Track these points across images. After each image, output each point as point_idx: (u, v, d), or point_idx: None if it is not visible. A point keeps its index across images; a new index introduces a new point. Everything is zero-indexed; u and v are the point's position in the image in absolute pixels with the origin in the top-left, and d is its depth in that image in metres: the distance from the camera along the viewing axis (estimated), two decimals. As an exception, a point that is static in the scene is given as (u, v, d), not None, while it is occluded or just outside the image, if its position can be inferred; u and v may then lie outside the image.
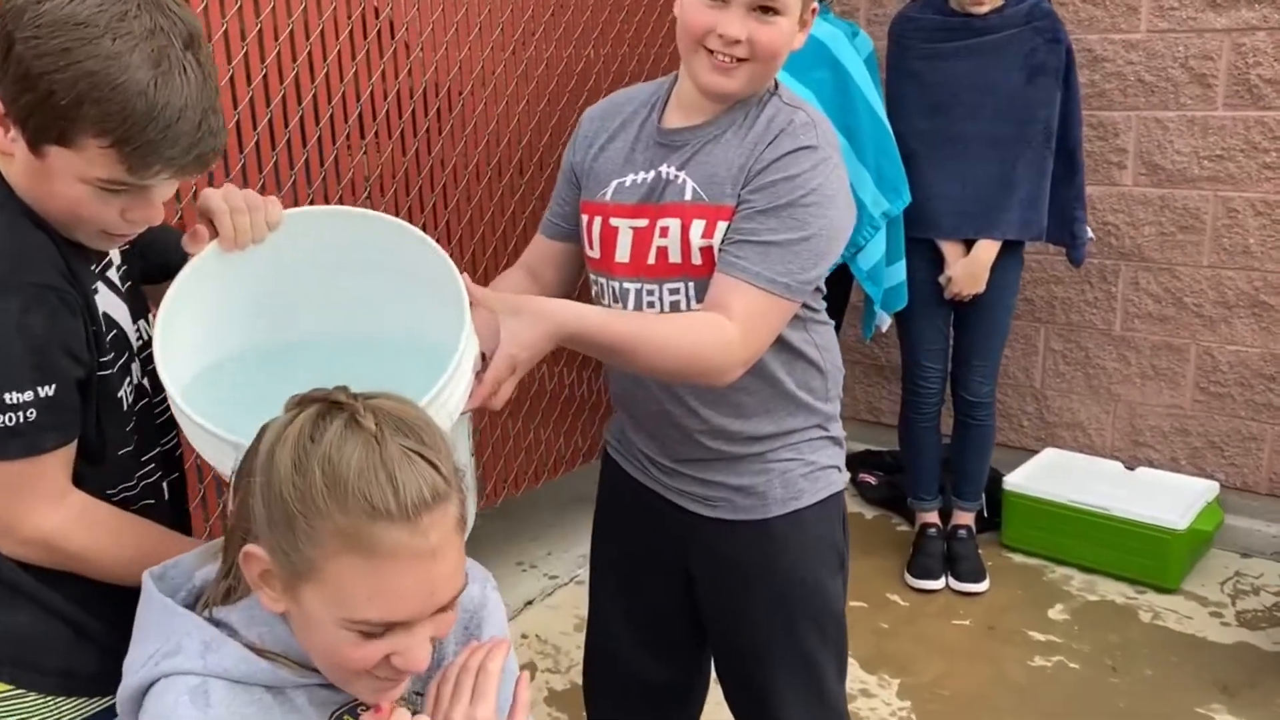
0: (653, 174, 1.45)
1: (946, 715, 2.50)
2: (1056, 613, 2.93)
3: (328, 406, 0.94)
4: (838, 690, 1.66)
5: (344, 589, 0.90)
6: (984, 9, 2.76)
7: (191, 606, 1.01)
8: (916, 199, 2.82)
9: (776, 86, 1.47)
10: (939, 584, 3.04)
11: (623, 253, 1.46)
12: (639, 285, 1.45)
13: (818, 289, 1.53)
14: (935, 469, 3.16)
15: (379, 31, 2.62)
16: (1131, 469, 3.33)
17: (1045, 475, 3.27)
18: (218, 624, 0.98)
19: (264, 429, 0.96)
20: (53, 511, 1.08)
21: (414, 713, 0.98)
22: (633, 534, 1.66)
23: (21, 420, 1.04)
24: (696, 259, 1.41)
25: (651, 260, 1.44)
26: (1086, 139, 3.24)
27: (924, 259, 2.90)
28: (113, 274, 1.18)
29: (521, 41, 2.94)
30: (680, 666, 1.73)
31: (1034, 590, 3.04)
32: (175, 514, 1.28)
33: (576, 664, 2.53)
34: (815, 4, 1.44)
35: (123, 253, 1.22)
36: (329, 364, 1.16)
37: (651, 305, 1.45)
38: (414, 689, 1.06)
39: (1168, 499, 3.07)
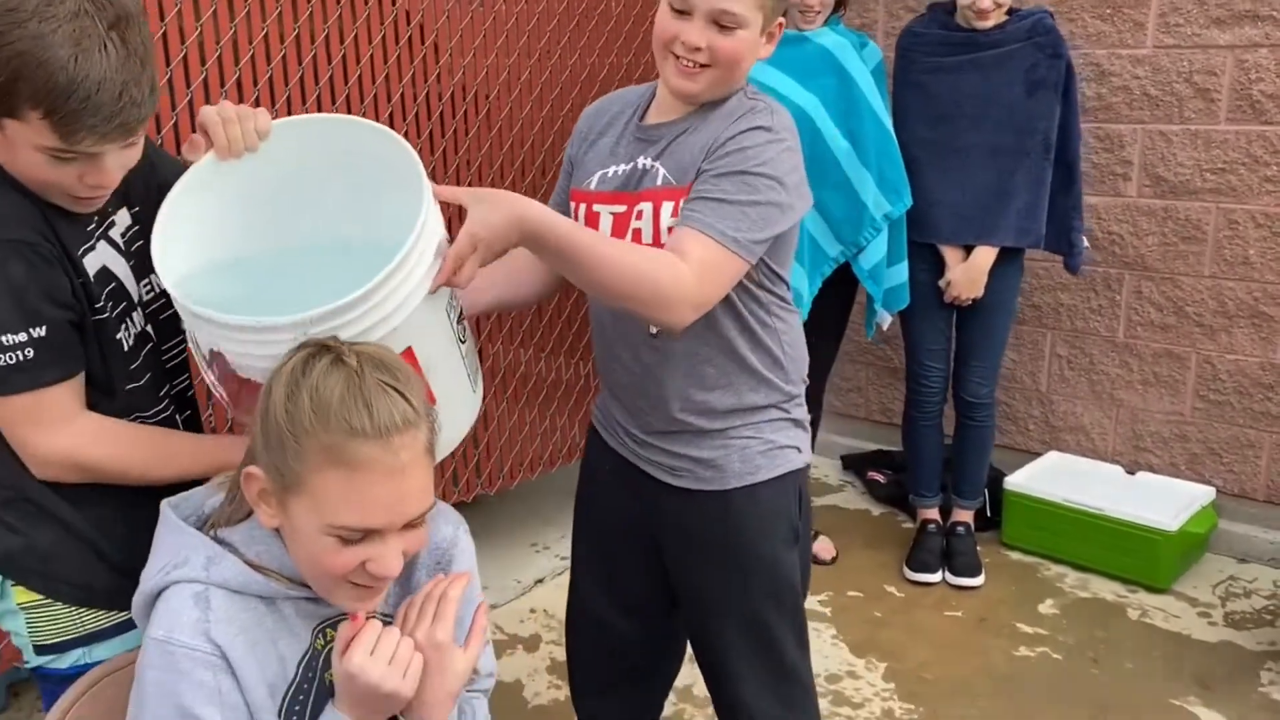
0: (631, 165, 1.60)
1: (927, 698, 2.61)
2: (1047, 607, 3.02)
3: (318, 349, 1.10)
4: (798, 659, 1.78)
5: (326, 498, 1.06)
6: (988, 24, 2.88)
7: (200, 529, 1.18)
8: (919, 204, 2.94)
9: (744, 88, 1.60)
10: (935, 577, 3.15)
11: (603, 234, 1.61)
12: None
13: (785, 281, 1.66)
14: (936, 467, 3.26)
15: (410, 37, 2.80)
16: (1132, 473, 3.41)
17: (1046, 477, 3.36)
18: (221, 542, 1.15)
19: (271, 374, 1.11)
20: (65, 433, 1.24)
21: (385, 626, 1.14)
22: (609, 501, 1.81)
23: (21, 358, 1.21)
24: (665, 238, 1.54)
25: (629, 239, 1.58)
26: (1093, 151, 3.34)
27: (926, 263, 3.02)
28: (115, 233, 1.35)
29: (545, 49, 3.10)
30: (653, 627, 1.87)
31: (1028, 586, 3.14)
32: None
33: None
34: (782, 20, 1.57)
35: (134, 213, 1.38)
36: (315, 260, 1.29)
37: None
38: (385, 612, 1.22)
39: (1163, 502, 3.15)
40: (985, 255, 2.93)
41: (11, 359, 1.20)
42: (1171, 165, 3.23)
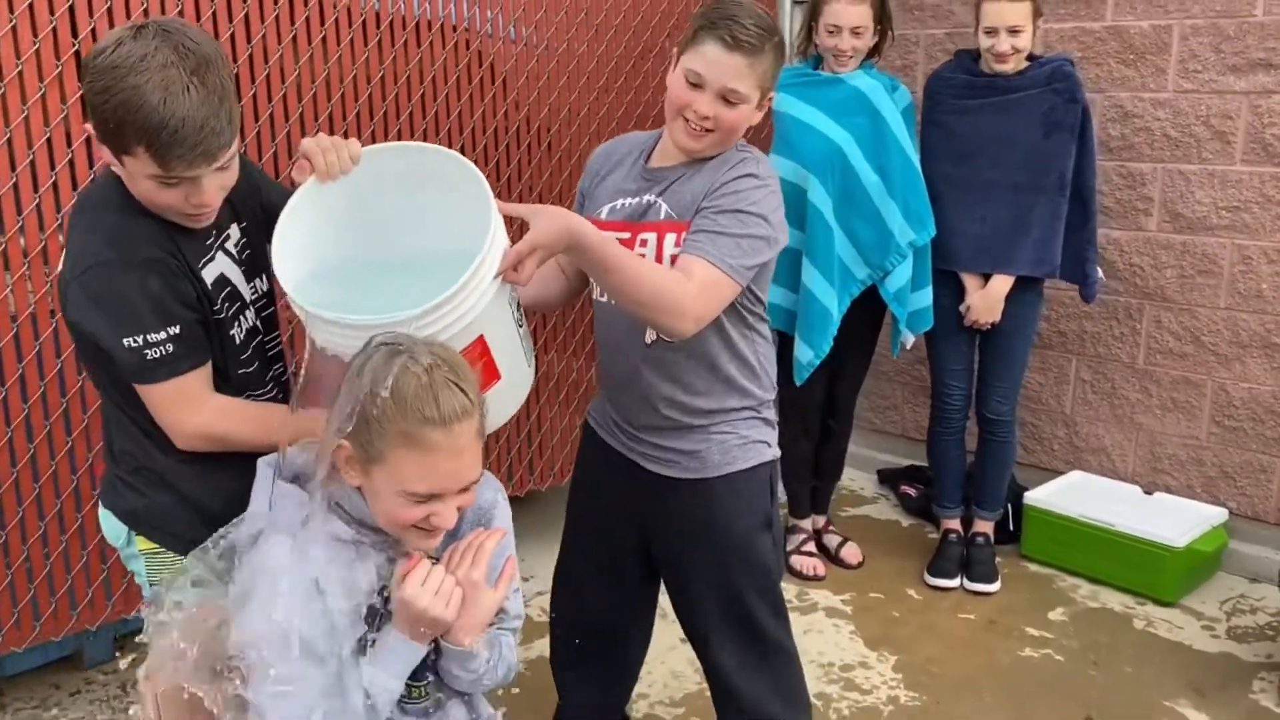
0: (638, 200, 1.90)
1: (931, 688, 2.83)
2: (1056, 614, 3.22)
3: (396, 349, 1.39)
4: (775, 628, 2.04)
5: (401, 470, 1.36)
6: (1008, 69, 3.11)
7: (290, 482, 1.48)
8: (942, 234, 3.18)
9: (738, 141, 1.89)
10: (954, 583, 3.36)
11: None
12: None
13: (763, 302, 1.95)
14: (958, 480, 3.48)
15: (481, 77, 3.13)
16: (1149, 493, 3.58)
17: (1066, 494, 3.55)
18: (312, 492, 1.45)
19: (354, 362, 1.40)
20: (201, 412, 1.56)
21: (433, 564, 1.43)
22: (601, 487, 2.09)
23: (163, 353, 1.52)
24: (666, 262, 1.84)
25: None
26: (1116, 188, 3.55)
27: (949, 289, 3.25)
28: (230, 245, 1.66)
29: (604, 87, 3.42)
30: (631, 600, 2.16)
31: (1041, 594, 3.33)
32: None
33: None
34: (773, 93, 1.87)
35: (242, 228, 1.68)
36: (396, 265, 1.56)
37: None
38: (433, 555, 1.51)
39: (1175, 521, 3.33)
40: (1002, 283, 3.15)
41: (156, 354, 1.51)
42: (1189, 202, 3.42)
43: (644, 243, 1.85)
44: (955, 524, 3.49)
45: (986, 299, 3.17)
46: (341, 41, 2.80)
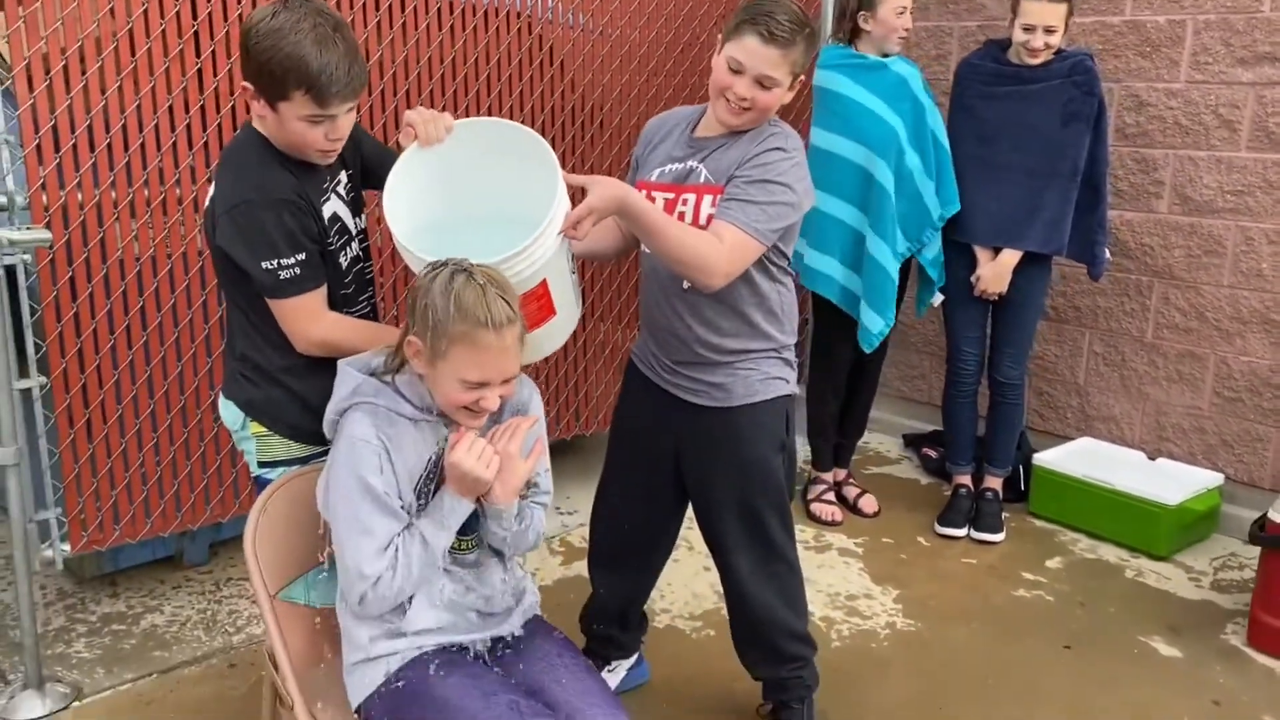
0: (683, 165, 2.22)
1: (927, 618, 3.13)
2: (1053, 563, 3.49)
3: (459, 269, 1.74)
4: (783, 541, 2.37)
5: (459, 362, 1.71)
6: (1037, 62, 3.38)
7: (368, 376, 1.85)
8: (962, 210, 3.48)
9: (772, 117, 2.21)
10: (960, 532, 3.65)
11: None
12: None
13: (787, 256, 2.26)
14: (970, 439, 3.76)
15: (542, 60, 3.49)
16: (1153, 459, 3.83)
17: (1074, 457, 3.81)
18: (384, 383, 1.82)
19: (426, 278, 1.76)
20: (320, 324, 1.93)
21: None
22: (640, 414, 2.42)
23: (292, 275, 1.90)
24: (703, 220, 2.17)
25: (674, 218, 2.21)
26: (1130, 172, 3.79)
27: (964, 261, 3.54)
28: (341, 189, 2.03)
29: (654, 69, 3.75)
30: (660, 514, 2.48)
31: (1042, 546, 3.61)
32: None
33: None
34: (802, 76, 2.17)
35: (349, 174, 2.05)
36: (480, 220, 1.91)
37: None
38: (481, 434, 1.87)
39: (1173, 483, 3.57)
40: (1010, 257, 3.43)
41: (287, 275, 1.88)
42: (1198, 186, 3.65)
43: (685, 202, 2.17)
44: (966, 479, 3.78)
45: (996, 270, 3.45)
46: (419, 26, 3.18)
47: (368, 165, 2.11)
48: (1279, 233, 3.51)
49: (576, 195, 1.93)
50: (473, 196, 2.01)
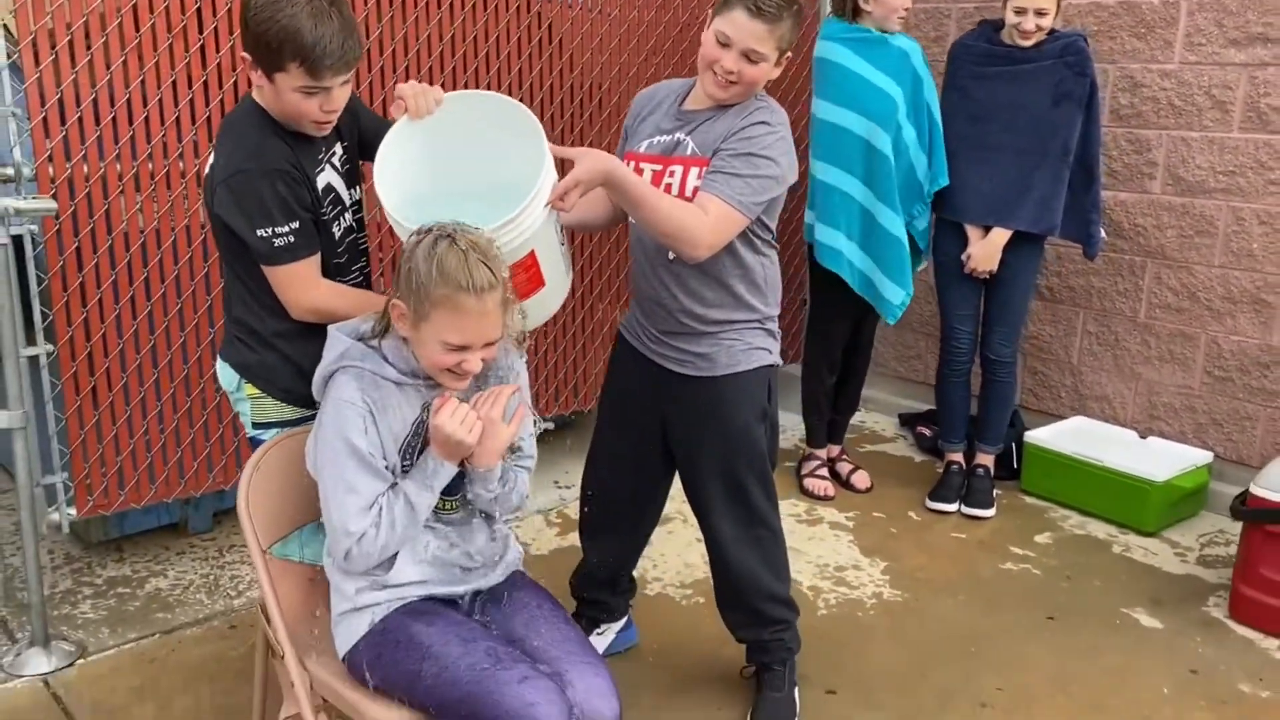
0: (670, 137, 2.27)
1: (914, 590, 3.19)
2: (1042, 538, 3.54)
3: (443, 234, 1.80)
4: (766, 508, 2.42)
5: (441, 325, 1.76)
6: (1029, 43, 3.41)
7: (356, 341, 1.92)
8: (953, 187, 3.52)
9: (758, 92, 2.25)
10: (951, 508, 3.70)
11: None
12: None
13: (771, 229, 2.31)
14: (963, 417, 3.81)
15: (541, 38, 3.54)
16: (1144, 437, 3.87)
17: (1066, 436, 3.85)
18: (369, 347, 1.88)
19: (411, 243, 1.82)
20: (313, 292, 1.99)
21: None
22: (628, 384, 2.47)
23: (289, 241, 1.96)
24: (689, 192, 2.21)
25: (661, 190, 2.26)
26: (1124, 152, 3.82)
27: (956, 240, 3.58)
28: (335, 160, 2.09)
29: (652, 49, 3.80)
30: (648, 482, 2.55)
31: (1032, 522, 3.65)
32: None
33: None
34: (789, 53, 2.21)
35: (344, 146, 2.11)
36: (468, 195, 1.95)
37: None
38: (462, 398, 1.93)
39: (1161, 460, 3.62)
40: (1000, 235, 3.47)
41: (282, 242, 1.95)
42: (1190, 167, 3.68)
43: (672, 174, 2.22)
44: (958, 456, 3.83)
45: (985, 249, 3.49)
46: (418, 4, 3.23)
47: (365, 138, 2.16)
48: (1270, 213, 3.54)
49: (564, 167, 1.99)
50: (462, 168, 2.06)
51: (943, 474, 3.83)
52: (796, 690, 2.56)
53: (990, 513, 3.67)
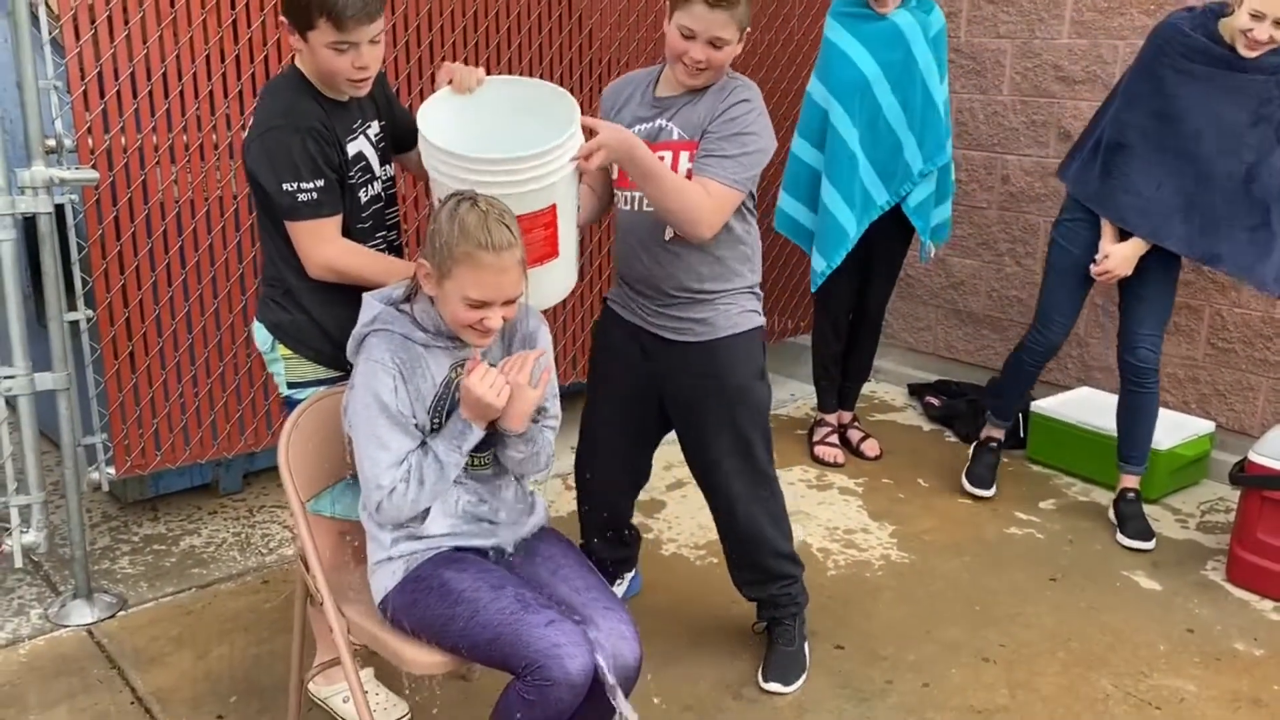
0: (652, 124, 2.38)
1: (921, 551, 3.29)
2: (1047, 504, 3.63)
3: (465, 197, 1.90)
4: (766, 463, 2.54)
5: (464, 281, 1.86)
6: (1254, 55, 2.95)
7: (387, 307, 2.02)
8: (1111, 183, 3.16)
9: (727, 70, 2.36)
10: (989, 492, 3.61)
11: None
12: (641, 193, 2.35)
13: (752, 209, 2.44)
14: (1021, 400, 3.65)
15: (560, 14, 3.62)
16: (1148, 408, 3.93)
17: (1071, 405, 3.94)
18: (400, 311, 1.98)
19: (438, 209, 1.91)
20: (331, 249, 2.09)
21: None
22: (621, 355, 2.56)
23: (312, 197, 2.06)
24: (681, 174, 2.31)
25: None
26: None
27: (1086, 234, 3.25)
28: (370, 133, 2.19)
29: (669, 25, 3.87)
30: (639, 445, 2.67)
31: (1037, 488, 3.75)
32: None
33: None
34: (748, 29, 2.31)
35: (380, 125, 2.21)
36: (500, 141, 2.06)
37: (649, 206, 2.33)
38: (491, 362, 2.03)
39: (1164, 429, 3.68)
40: (1141, 247, 3.16)
41: (306, 198, 2.05)
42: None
43: (661, 159, 2.31)
44: (1001, 434, 3.67)
45: (1128, 251, 3.16)
46: (442, -20, 3.32)
47: (399, 131, 2.27)
48: (1274, 187, 3.60)
49: (587, 136, 2.09)
50: (495, 129, 2.16)
51: (977, 451, 3.70)
52: (807, 644, 2.67)
53: (1151, 544, 3.31)
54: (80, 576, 2.84)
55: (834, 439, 3.99)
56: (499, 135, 2.15)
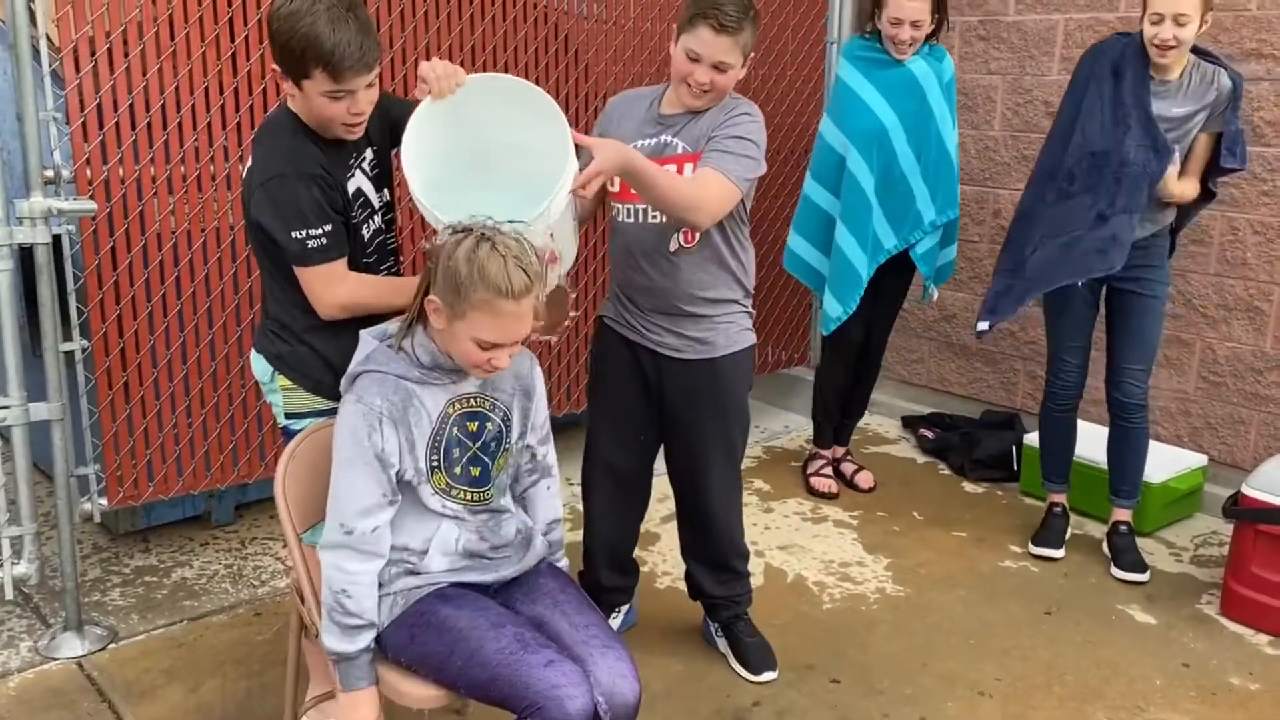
0: (656, 140, 2.45)
1: (915, 583, 3.29)
2: (1040, 537, 3.64)
3: (484, 237, 1.88)
4: (739, 457, 2.69)
5: (477, 325, 1.85)
6: (1168, 63, 3.00)
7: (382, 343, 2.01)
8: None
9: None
10: (1058, 553, 3.44)
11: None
12: (645, 206, 2.41)
13: (746, 221, 2.53)
14: (1068, 455, 3.49)
15: (556, 49, 3.65)
16: (1140, 441, 3.94)
17: (1064, 438, 3.94)
18: (397, 349, 1.97)
19: (451, 242, 1.90)
20: (342, 289, 2.09)
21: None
22: (620, 371, 2.62)
23: (322, 243, 2.06)
24: None
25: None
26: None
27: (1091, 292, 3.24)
28: (365, 165, 2.20)
29: (665, 59, 3.90)
30: (640, 459, 2.73)
31: (1031, 522, 3.73)
32: None
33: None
34: (752, 54, 2.38)
35: (374, 150, 2.21)
36: (488, 180, 2.05)
37: (654, 218, 2.42)
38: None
39: (1156, 462, 3.70)
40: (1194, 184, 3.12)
41: (316, 244, 2.05)
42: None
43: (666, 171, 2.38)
44: (1062, 498, 3.54)
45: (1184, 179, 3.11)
46: (440, 15, 3.34)
47: (395, 128, 2.23)
48: (1263, 223, 3.64)
49: (580, 154, 2.10)
50: (485, 149, 2.14)
51: (1045, 517, 3.56)
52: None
53: (1145, 576, 3.32)
54: (71, 608, 2.82)
55: (828, 470, 3.99)
56: (488, 139, 2.12)
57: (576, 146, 2.07)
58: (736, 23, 2.30)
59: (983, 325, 3.29)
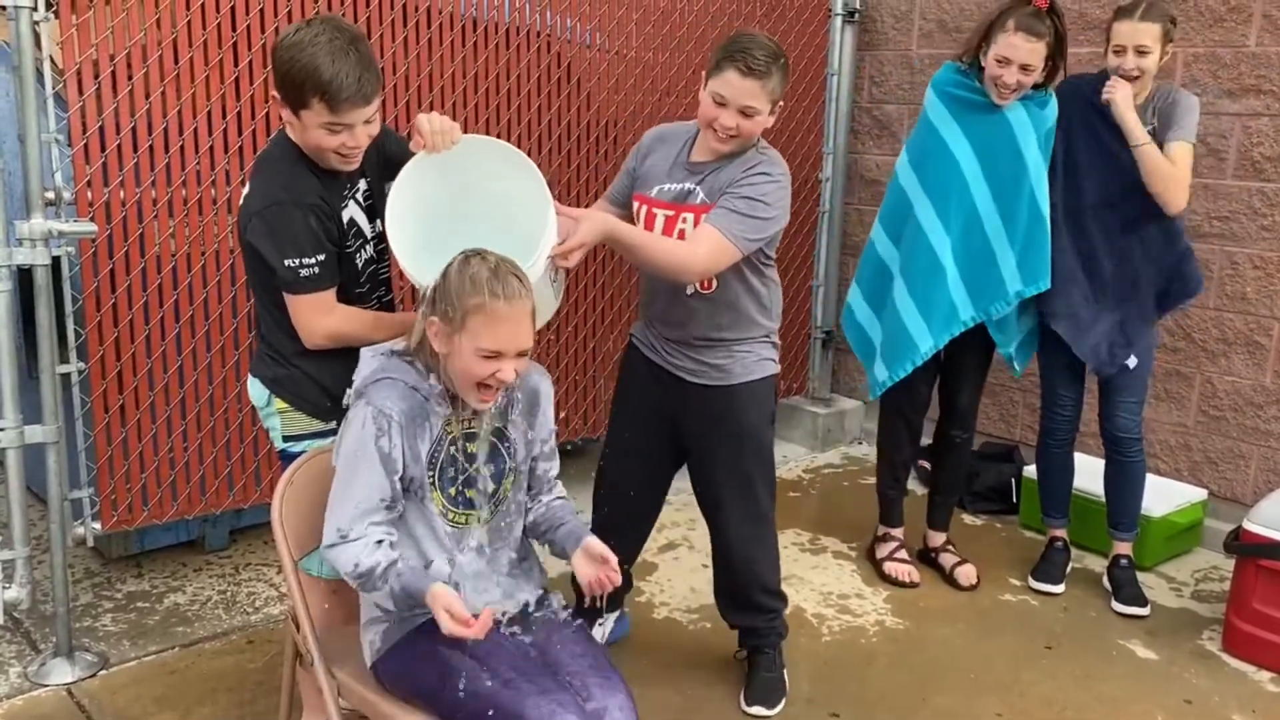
0: (681, 186, 2.45)
1: (914, 616, 3.26)
2: (1040, 571, 3.61)
3: (471, 254, 1.89)
4: (768, 506, 2.64)
5: (476, 332, 1.84)
6: (1136, 91, 3.01)
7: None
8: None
9: (758, 141, 2.43)
10: (1058, 589, 3.41)
11: (657, 229, 2.46)
12: None
13: (773, 259, 2.51)
14: (1066, 490, 3.48)
15: (559, 77, 3.67)
16: (1140, 475, 3.93)
17: (1064, 471, 3.92)
18: (405, 361, 1.96)
19: (442, 271, 1.91)
20: (330, 319, 2.09)
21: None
22: (643, 393, 2.65)
23: (314, 272, 2.06)
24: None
25: (675, 235, 2.43)
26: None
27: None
28: (359, 195, 2.19)
29: (666, 88, 3.93)
30: (655, 480, 2.74)
31: (1031, 555, 3.70)
32: None
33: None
34: (781, 101, 2.38)
35: (368, 181, 2.20)
36: (474, 236, 2.05)
37: None
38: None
39: (1157, 496, 3.69)
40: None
41: (308, 273, 2.05)
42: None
43: (684, 220, 2.43)
44: (1062, 533, 3.52)
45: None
46: (443, 44, 3.36)
47: (389, 160, 2.25)
48: (1263, 258, 3.65)
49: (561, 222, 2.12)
50: (467, 209, 2.17)
51: (1046, 551, 3.52)
52: (785, 672, 2.75)
53: (1146, 610, 3.29)
54: (62, 634, 2.78)
55: (903, 554, 3.50)
56: (475, 199, 2.16)
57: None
58: (765, 67, 2.29)
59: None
